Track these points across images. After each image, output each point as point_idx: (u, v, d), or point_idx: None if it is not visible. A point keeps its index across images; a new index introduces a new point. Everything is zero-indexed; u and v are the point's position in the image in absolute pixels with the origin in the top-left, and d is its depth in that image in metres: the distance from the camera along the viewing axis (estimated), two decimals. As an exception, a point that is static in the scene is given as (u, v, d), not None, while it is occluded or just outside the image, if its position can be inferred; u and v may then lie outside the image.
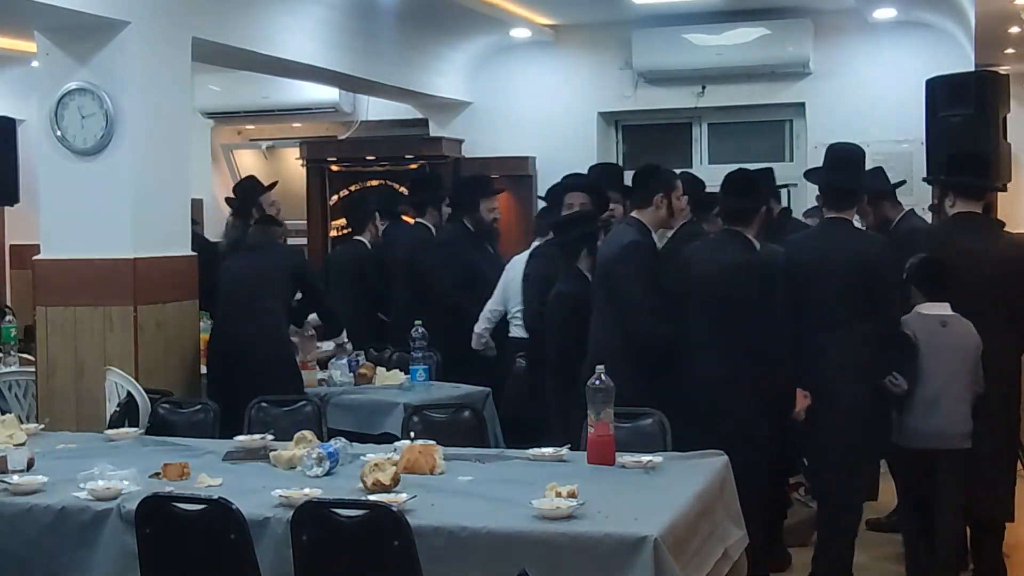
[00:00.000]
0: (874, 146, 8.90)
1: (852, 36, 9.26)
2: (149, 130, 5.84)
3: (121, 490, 3.66)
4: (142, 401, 5.21)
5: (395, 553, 3.14)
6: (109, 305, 5.74)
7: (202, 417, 5.07)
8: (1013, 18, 7.09)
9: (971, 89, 7.33)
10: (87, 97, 5.76)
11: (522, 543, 3.20)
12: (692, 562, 3.36)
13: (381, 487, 3.56)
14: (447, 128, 10.13)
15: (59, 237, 5.91)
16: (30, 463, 4.03)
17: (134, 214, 5.78)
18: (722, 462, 3.96)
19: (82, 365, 5.78)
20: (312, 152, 10.16)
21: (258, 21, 6.98)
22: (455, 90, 9.86)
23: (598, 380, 3.91)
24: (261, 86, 9.94)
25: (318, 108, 10.49)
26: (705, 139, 10.03)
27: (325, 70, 7.97)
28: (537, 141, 9.77)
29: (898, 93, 8.88)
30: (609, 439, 3.95)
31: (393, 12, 8.32)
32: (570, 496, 3.38)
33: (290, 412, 5.07)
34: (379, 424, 5.60)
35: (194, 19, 6.20)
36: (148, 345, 5.77)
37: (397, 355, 6.66)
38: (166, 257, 5.93)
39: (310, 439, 4.19)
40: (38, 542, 3.61)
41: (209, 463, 4.15)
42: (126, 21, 5.71)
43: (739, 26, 9.14)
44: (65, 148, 5.83)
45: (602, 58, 9.79)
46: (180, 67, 6.10)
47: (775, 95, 9.54)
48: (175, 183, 6.08)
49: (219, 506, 3.34)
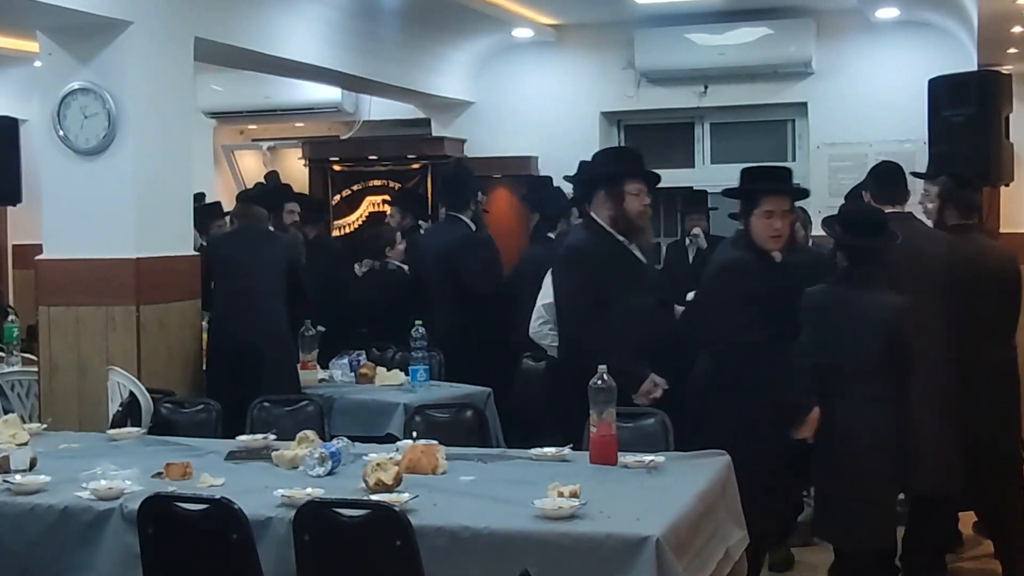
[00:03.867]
0: (876, 146, 8.95)
1: (854, 36, 9.25)
2: (151, 130, 5.85)
3: (123, 490, 3.66)
4: (144, 401, 5.22)
5: (397, 553, 3.14)
6: (111, 305, 5.75)
7: (204, 417, 5.06)
8: (1015, 18, 7.08)
9: (973, 89, 7.34)
10: (89, 97, 5.77)
11: (524, 543, 3.20)
12: (694, 562, 3.35)
13: (383, 487, 3.56)
14: (449, 128, 10.13)
15: (62, 237, 5.91)
16: (32, 463, 4.03)
17: (136, 214, 5.79)
18: (723, 462, 3.96)
19: (84, 365, 5.79)
20: (314, 152, 10.17)
21: (261, 21, 6.98)
22: (457, 90, 9.86)
23: (600, 380, 3.91)
24: (263, 86, 9.94)
25: (320, 108, 10.49)
26: (707, 139, 10.02)
27: (327, 70, 7.97)
28: (539, 141, 9.77)
29: (900, 93, 8.87)
30: (611, 439, 3.94)
31: (396, 12, 8.32)
32: (572, 496, 3.37)
33: (292, 412, 5.07)
34: (381, 426, 5.60)
35: (196, 19, 6.20)
36: (150, 345, 5.77)
37: (400, 355, 6.66)
38: (168, 257, 5.93)
39: (312, 439, 4.19)
40: (40, 542, 3.61)
41: (211, 463, 4.15)
42: (129, 21, 5.72)
43: (741, 26, 9.13)
44: (67, 148, 5.83)
45: (604, 58, 9.78)
46: (182, 67, 6.11)
47: (777, 95, 9.54)
48: (177, 183, 6.09)
49: (221, 506, 3.34)
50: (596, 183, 5.29)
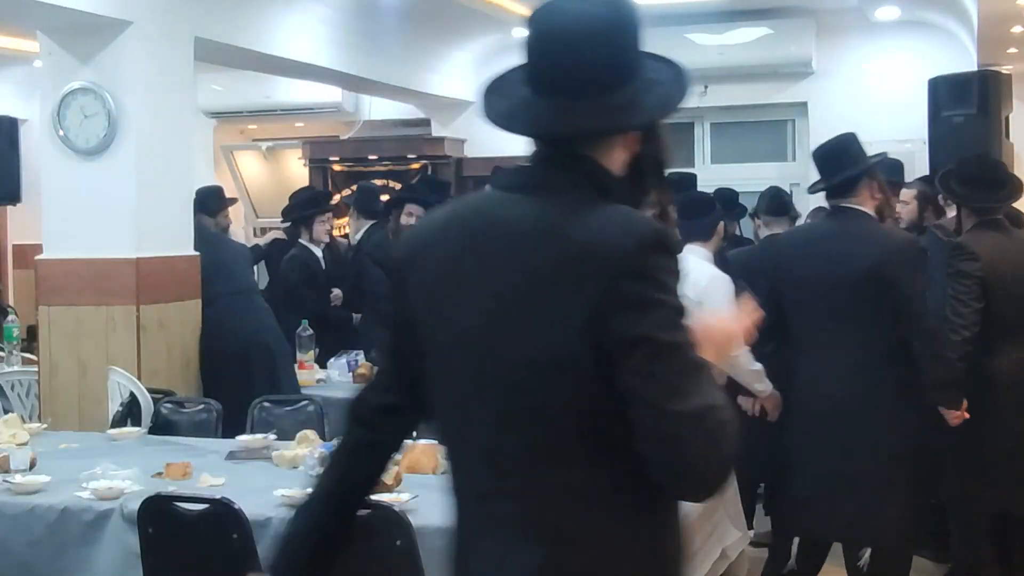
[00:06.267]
0: (876, 146, 8.77)
1: (854, 36, 9.25)
2: (152, 130, 5.85)
3: (123, 490, 3.67)
4: (144, 401, 5.22)
5: (397, 552, 3.15)
6: (112, 305, 5.74)
7: (204, 417, 5.07)
8: (1016, 18, 7.08)
9: (974, 89, 7.33)
10: (89, 97, 5.76)
11: (524, 543, 3.20)
12: (692, 562, 3.35)
13: (383, 487, 3.56)
14: (449, 128, 10.13)
15: (61, 237, 5.91)
16: (32, 463, 4.03)
17: (137, 214, 5.78)
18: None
19: (85, 365, 5.78)
20: (315, 152, 10.17)
21: (261, 21, 6.98)
22: (458, 90, 9.86)
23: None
24: (264, 86, 9.94)
25: (321, 108, 10.48)
26: (707, 139, 10.02)
27: (328, 70, 7.97)
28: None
29: (900, 93, 8.87)
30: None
31: (396, 12, 8.32)
32: (572, 496, 3.37)
33: (293, 412, 5.08)
34: None
35: (197, 19, 6.20)
36: (151, 345, 5.77)
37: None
38: (169, 257, 5.92)
39: (312, 439, 4.20)
40: (40, 541, 3.61)
41: (212, 463, 4.15)
42: (129, 21, 5.71)
43: (741, 26, 9.13)
44: (67, 148, 5.83)
45: (604, 58, 9.77)
46: (183, 67, 6.10)
47: (777, 95, 9.54)
48: (178, 183, 6.08)
49: (221, 506, 3.34)
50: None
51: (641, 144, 1.92)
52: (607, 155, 1.90)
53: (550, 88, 1.88)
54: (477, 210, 1.99)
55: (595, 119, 1.87)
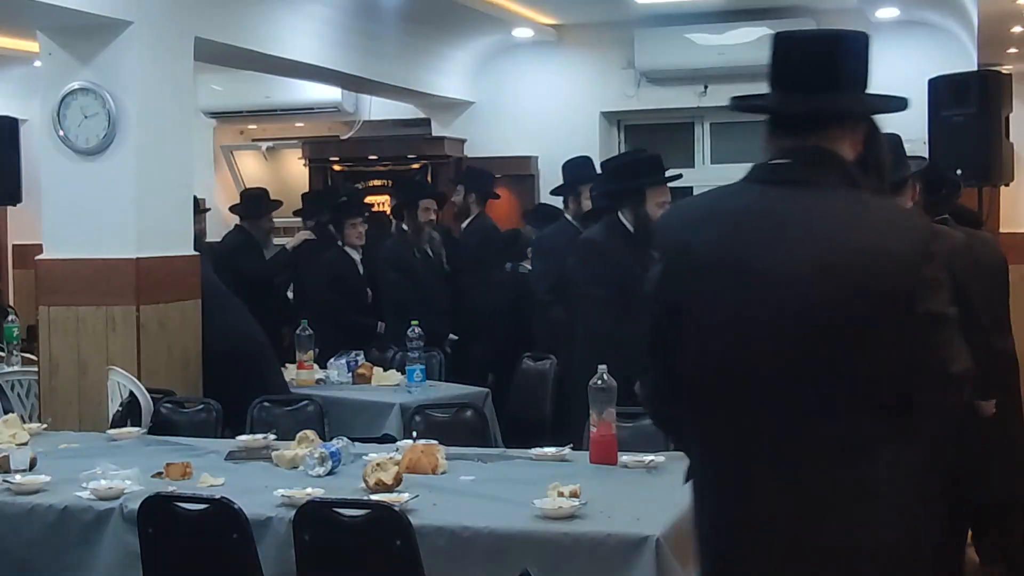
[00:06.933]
0: (876, 146, 8.93)
1: (855, 36, 9.24)
2: (151, 130, 5.84)
3: (123, 490, 3.66)
4: (144, 401, 5.22)
5: (397, 553, 3.15)
6: (111, 305, 5.74)
7: (204, 417, 5.07)
8: (1016, 18, 7.08)
9: (973, 89, 7.33)
10: (89, 97, 5.76)
11: (524, 543, 3.20)
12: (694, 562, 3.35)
13: (383, 487, 3.56)
14: (449, 128, 10.12)
15: (61, 237, 5.91)
16: (32, 462, 4.03)
17: (136, 214, 5.78)
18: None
19: (84, 365, 5.78)
20: (314, 152, 10.17)
21: (261, 21, 6.98)
22: (457, 90, 9.86)
23: (600, 380, 3.91)
24: (263, 86, 9.93)
25: (320, 108, 10.48)
26: (707, 139, 10.02)
27: (328, 70, 7.97)
28: (539, 141, 9.76)
29: (900, 93, 8.68)
30: (611, 439, 3.95)
31: (396, 12, 8.32)
32: (572, 496, 3.38)
33: (292, 412, 5.08)
34: (377, 427, 5.59)
35: (197, 19, 6.20)
36: (150, 345, 5.77)
37: (400, 355, 6.65)
38: (169, 257, 5.92)
39: (312, 439, 4.19)
40: (40, 542, 3.61)
41: (211, 463, 4.15)
42: (129, 21, 5.71)
43: (741, 26, 9.13)
44: (67, 148, 5.83)
45: (604, 58, 9.78)
46: (182, 67, 6.10)
47: (777, 95, 9.52)
48: (178, 183, 6.08)
49: (221, 506, 3.34)
50: (622, 197, 5.30)
51: (863, 146, 2.30)
52: (845, 153, 2.26)
53: (807, 86, 2.32)
54: (745, 203, 2.25)
55: (860, 104, 2.36)
